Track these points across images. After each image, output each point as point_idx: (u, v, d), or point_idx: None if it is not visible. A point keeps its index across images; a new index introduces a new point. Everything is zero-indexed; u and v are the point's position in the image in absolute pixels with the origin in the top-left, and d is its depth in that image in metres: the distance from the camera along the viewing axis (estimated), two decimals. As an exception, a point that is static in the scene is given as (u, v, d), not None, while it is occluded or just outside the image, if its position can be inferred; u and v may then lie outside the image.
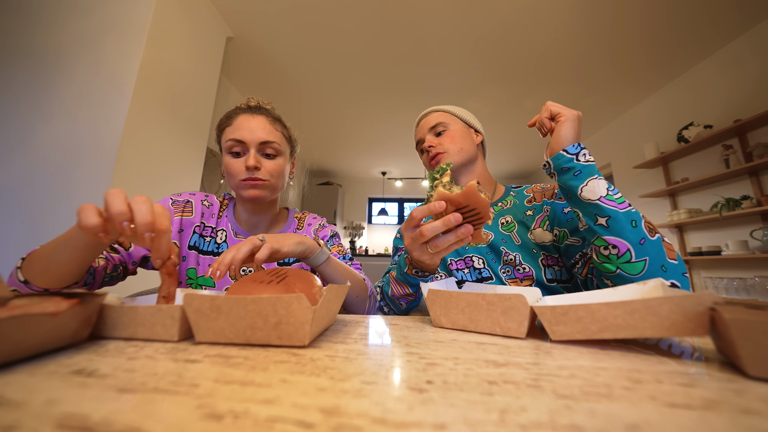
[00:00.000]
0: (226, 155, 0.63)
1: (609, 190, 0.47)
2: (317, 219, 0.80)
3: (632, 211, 0.46)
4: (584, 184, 0.47)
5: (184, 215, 0.64)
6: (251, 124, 0.62)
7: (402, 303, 0.62)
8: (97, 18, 1.44)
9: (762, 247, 1.96)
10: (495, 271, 0.64)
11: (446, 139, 0.72)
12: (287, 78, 2.71)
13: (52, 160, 1.29)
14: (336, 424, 0.14)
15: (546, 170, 0.54)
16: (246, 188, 0.61)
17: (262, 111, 0.66)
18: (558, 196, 0.66)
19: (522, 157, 4.75)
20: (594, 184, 0.47)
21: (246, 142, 0.61)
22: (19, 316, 0.21)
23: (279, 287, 0.32)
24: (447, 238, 0.42)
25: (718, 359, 0.24)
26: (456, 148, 0.71)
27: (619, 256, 0.45)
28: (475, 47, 2.35)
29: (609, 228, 0.46)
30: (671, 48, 2.32)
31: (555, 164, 0.51)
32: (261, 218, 0.69)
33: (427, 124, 0.75)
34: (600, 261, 0.48)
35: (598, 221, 0.47)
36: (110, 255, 0.54)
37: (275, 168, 0.64)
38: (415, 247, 0.45)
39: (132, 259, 0.57)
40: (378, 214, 5.68)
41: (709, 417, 0.15)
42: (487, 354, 0.26)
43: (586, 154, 0.49)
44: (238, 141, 0.61)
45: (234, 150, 0.62)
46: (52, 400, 0.16)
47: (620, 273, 0.46)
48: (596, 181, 0.47)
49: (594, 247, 0.49)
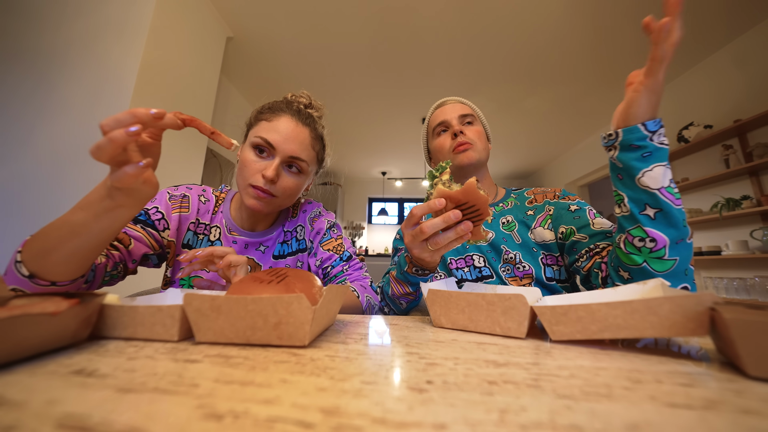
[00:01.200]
0: (249, 149, 0.58)
1: (671, 182, 0.42)
2: (313, 205, 0.75)
3: (682, 210, 0.43)
4: (649, 169, 0.42)
5: (181, 211, 0.62)
6: (291, 132, 0.57)
7: (402, 302, 0.62)
8: (97, 18, 1.44)
9: (762, 247, 1.96)
10: (495, 270, 0.65)
11: (474, 133, 0.70)
12: (287, 78, 2.71)
13: (52, 160, 1.29)
14: (336, 424, 0.14)
15: (606, 142, 0.46)
16: (251, 197, 0.57)
17: (309, 122, 0.61)
18: (561, 197, 0.67)
19: (522, 157, 4.75)
20: (659, 171, 0.42)
21: (276, 148, 0.56)
22: (19, 316, 0.21)
23: (279, 287, 0.32)
24: (446, 234, 0.41)
25: (718, 359, 0.24)
26: (482, 146, 0.70)
27: (653, 250, 0.43)
28: (474, 47, 2.35)
29: (655, 220, 0.43)
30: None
31: (625, 138, 0.43)
32: (258, 218, 0.67)
33: (454, 110, 0.73)
34: (627, 251, 0.45)
35: (645, 210, 0.43)
36: (110, 252, 0.52)
37: (292, 186, 0.59)
38: (416, 245, 0.45)
39: (132, 257, 0.55)
40: (378, 214, 5.68)
41: (709, 417, 0.15)
42: (487, 354, 0.26)
43: (662, 134, 0.42)
44: (268, 144, 0.56)
45: (259, 147, 0.57)
46: (52, 400, 0.16)
47: (645, 267, 0.44)
48: (663, 168, 0.42)
49: (627, 236, 0.45)
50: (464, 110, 0.73)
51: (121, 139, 0.31)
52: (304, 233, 0.71)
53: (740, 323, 0.20)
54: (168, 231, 0.60)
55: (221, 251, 0.46)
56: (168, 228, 0.60)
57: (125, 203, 0.37)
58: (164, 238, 0.60)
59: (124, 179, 0.33)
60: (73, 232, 0.37)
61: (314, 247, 0.70)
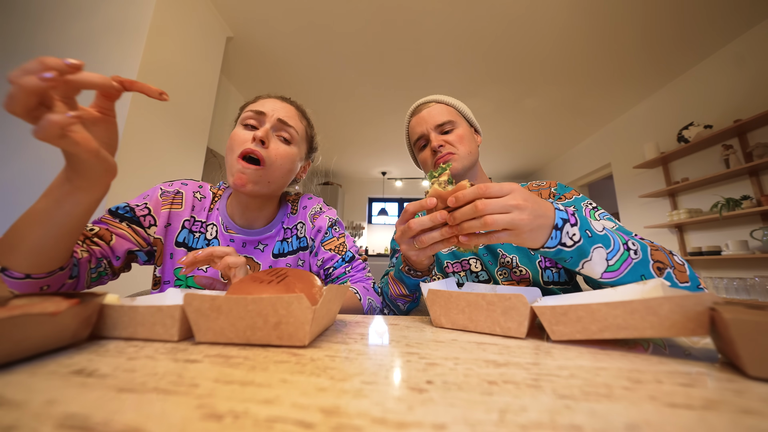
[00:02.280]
0: (238, 126, 0.59)
1: (608, 258, 0.40)
2: (313, 200, 0.73)
3: (639, 263, 0.41)
4: (580, 267, 0.42)
5: (173, 208, 0.60)
6: (276, 104, 0.60)
7: (400, 304, 0.62)
8: (97, 18, 1.44)
9: (762, 247, 1.96)
10: (492, 273, 0.64)
11: (455, 139, 0.66)
12: (287, 78, 2.71)
13: (51, 160, 1.29)
14: (336, 424, 0.14)
15: None
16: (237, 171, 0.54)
17: (292, 103, 0.65)
18: (557, 197, 0.65)
19: (522, 157, 4.75)
20: (589, 266, 0.41)
21: (265, 113, 0.58)
22: (19, 316, 0.21)
23: (279, 287, 0.32)
24: (431, 234, 0.41)
25: (718, 359, 0.24)
26: (466, 150, 0.65)
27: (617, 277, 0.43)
28: (474, 47, 2.35)
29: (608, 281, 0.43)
30: (671, 48, 2.32)
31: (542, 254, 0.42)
32: (256, 215, 0.64)
33: (431, 119, 0.67)
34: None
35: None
36: (90, 248, 0.50)
37: (283, 154, 0.58)
38: (404, 240, 0.45)
39: (115, 254, 0.53)
40: (378, 214, 5.68)
41: (709, 417, 0.15)
42: (487, 354, 0.26)
43: (570, 232, 0.39)
44: (257, 112, 0.58)
45: (248, 122, 0.58)
46: (52, 400, 0.16)
47: None
48: (590, 262, 0.40)
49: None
50: (441, 116, 0.67)
51: (32, 84, 0.26)
52: (305, 230, 0.69)
53: (740, 323, 0.20)
54: (155, 228, 0.58)
55: (221, 251, 0.46)
56: (155, 224, 0.58)
57: (82, 185, 0.35)
58: (150, 235, 0.58)
59: (47, 129, 0.27)
60: (37, 221, 0.36)
61: (316, 246, 0.68)
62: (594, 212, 0.58)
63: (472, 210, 0.37)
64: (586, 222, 0.41)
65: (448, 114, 0.68)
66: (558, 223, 0.39)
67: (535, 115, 3.41)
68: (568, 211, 0.41)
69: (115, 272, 0.55)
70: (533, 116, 3.43)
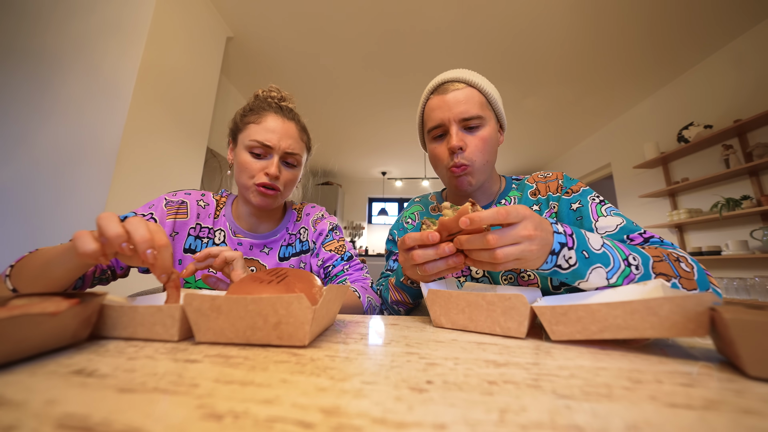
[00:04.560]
0: (245, 152, 0.61)
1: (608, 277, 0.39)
2: (316, 209, 0.77)
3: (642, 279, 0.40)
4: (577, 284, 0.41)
5: (177, 217, 0.62)
6: (281, 130, 0.61)
7: (401, 309, 0.62)
8: (96, 18, 1.44)
9: (762, 247, 1.96)
10: (496, 279, 0.62)
11: (478, 142, 0.57)
12: (287, 78, 2.71)
13: (50, 161, 1.29)
14: (336, 424, 0.14)
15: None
16: (258, 195, 0.60)
17: (292, 116, 0.65)
18: (564, 190, 0.61)
19: (522, 157, 4.75)
20: (587, 285, 0.40)
21: (273, 148, 0.60)
22: (19, 316, 0.21)
23: (279, 287, 0.32)
24: (436, 264, 0.39)
25: (718, 359, 0.24)
26: (483, 160, 0.57)
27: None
28: (475, 47, 2.35)
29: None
30: (671, 48, 2.32)
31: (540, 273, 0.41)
32: (262, 220, 0.69)
33: (457, 108, 0.56)
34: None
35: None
36: None
37: (292, 178, 0.64)
38: (407, 267, 0.43)
39: (120, 264, 0.57)
40: (378, 214, 5.68)
41: (709, 417, 0.15)
42: (487, 354, 0.25)
43: (567, 256, 0.38)
44: (265, 145, 0.60)
45: (255, 151, 0.60)
46: (52, 400, 0.16)
47: None
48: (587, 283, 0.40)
49: None
50: (470, 109, 0.56)
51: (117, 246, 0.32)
52: (308, 235, 0.73)
53: (740, 323, 0.20)
54: None
55: (216, 250, 0.47)
56: None
57: None
58: None
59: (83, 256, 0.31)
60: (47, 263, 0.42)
61: (316, 248, 0.71)
62: (600, 207, 0.56)
63: (481, 242, 0.35)
64: (584, 242, 0.40)
65: (478, 107, 0.57)
66: (555, 248, 0.38)
67: (535, 115, 3.41)
68: (566, 231, 0.40)
69: (116, 277, 0.59)
70: (533, 116, 3.43)
